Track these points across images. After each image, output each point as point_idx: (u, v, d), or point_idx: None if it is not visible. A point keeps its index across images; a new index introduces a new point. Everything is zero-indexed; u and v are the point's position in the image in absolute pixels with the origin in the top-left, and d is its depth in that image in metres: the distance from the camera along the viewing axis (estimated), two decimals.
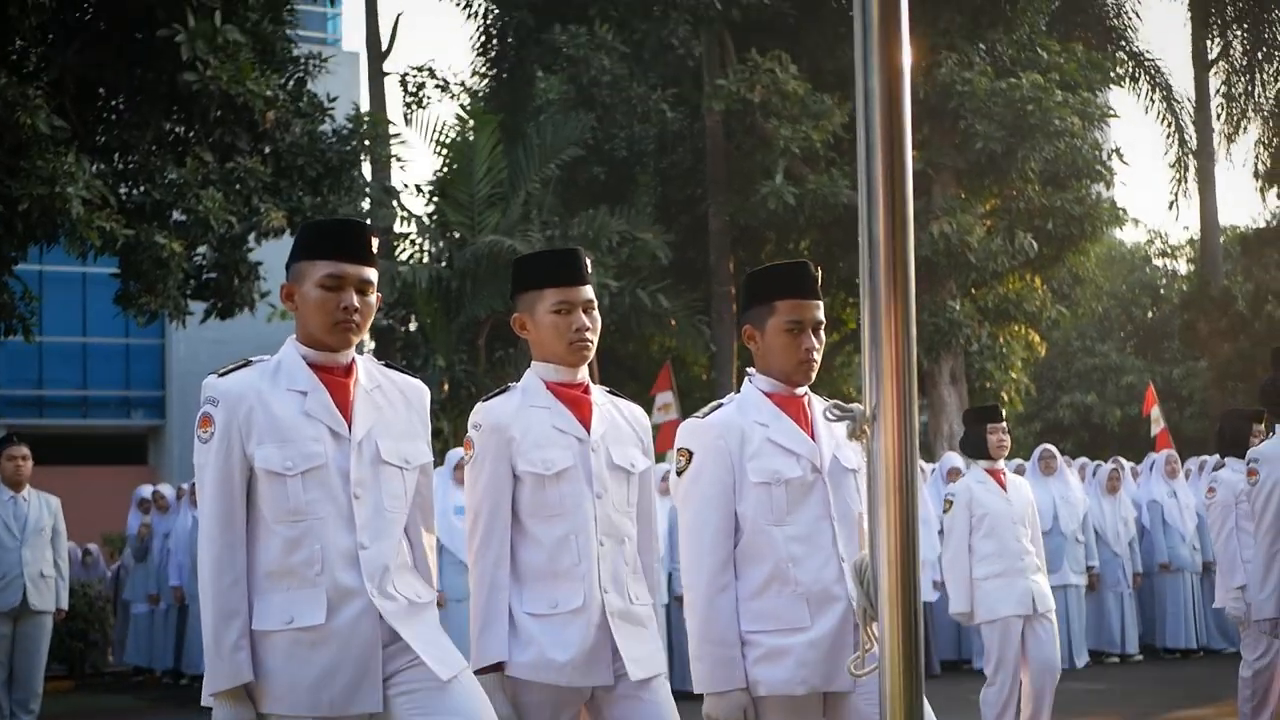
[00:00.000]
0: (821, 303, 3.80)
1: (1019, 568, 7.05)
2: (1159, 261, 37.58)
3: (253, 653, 3.22)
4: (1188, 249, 35.30)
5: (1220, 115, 26.02)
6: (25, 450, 8.97)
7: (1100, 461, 13.60)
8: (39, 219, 11.29)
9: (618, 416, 3.85)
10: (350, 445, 3.32)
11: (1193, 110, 25.84)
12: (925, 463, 12.70)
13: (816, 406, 3.80)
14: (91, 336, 28.57)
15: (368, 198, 18.03)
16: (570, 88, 19.96)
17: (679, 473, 3.78)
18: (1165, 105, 25.47)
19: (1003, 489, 7.17)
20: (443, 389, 17.23)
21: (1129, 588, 12.60)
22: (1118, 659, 12.50)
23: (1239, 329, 24.85)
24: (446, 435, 15.89)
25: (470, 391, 16.88)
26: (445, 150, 19.06)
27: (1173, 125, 25.76)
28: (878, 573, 2.32)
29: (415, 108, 21.12)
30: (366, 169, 17.69)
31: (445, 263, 18.30)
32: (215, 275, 13.53)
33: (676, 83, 20.86)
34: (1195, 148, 25.96)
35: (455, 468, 9.76)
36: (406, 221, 19.25)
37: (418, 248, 19.33)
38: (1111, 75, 22.99)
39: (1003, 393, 20.87)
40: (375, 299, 3.40)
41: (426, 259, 18.98)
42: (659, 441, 11.73)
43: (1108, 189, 21.93)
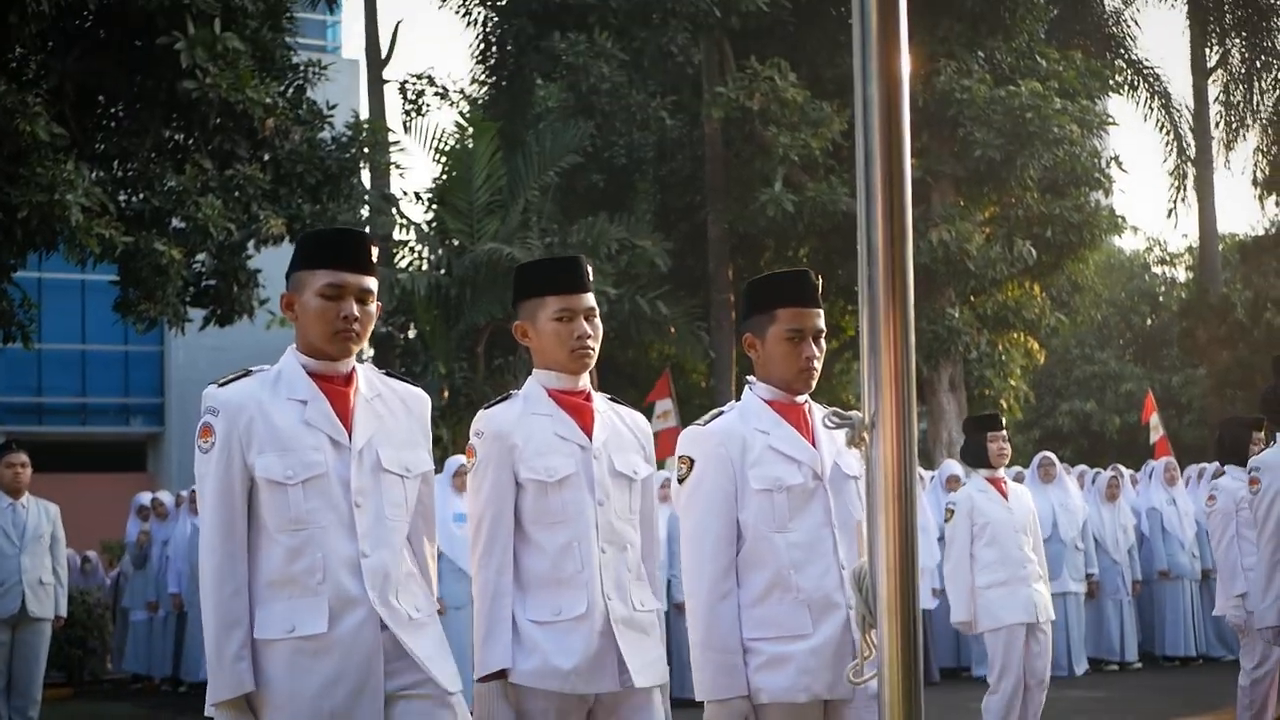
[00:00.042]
0: (822, 311, 3.81)
1: (1021, 576, 7.04)
2: (1158, 269, 37.57)
3: (254, 662, 3.22)
4: (1186, 256, 35.27)
5: (1219, 123, 26.05)
6: (24, 457, 8.95)
7: (1099, 469, 13.59)
8: (38, 226, 11.27)
9: (619, 423, 3.85)
10: (351, 454, 3.33)
11: (1191, 118, 25.88)
12: (924, 470, 12.69)
13: (817, 414, 3.81)
14: (90, 344, 28.56)
15: (367, 205, 18.01)
16: (569, 95, 19.99)
17: (680, 480, 3.79)
18: (1164, 113, 25.50)
19: (1004, 497, 7.17)
20: (442, 396, 17.22)
21: (1128, 595, 12.59)
22: (1117, 667, 12.49)
23: (1238, 336, 24.86)
24: (446, 443, 15.86)
25: (469, 399, 16.87)
26: (444, 158, 19.05)
27: (1171, 133, 25.79)
28: (876, 580, 2.32)
29: (414, 115, 21.10)
30: (366, 176, 17.67)
31: (444, 270, 18.29)
32: (214, 282, 13.52)
33: (676, 90, 20.88)
34: (1194, 155, 25.99)
35: (455, 475, 9.74)
36: (406, 229, 19.25)
37: (417, 255, 19.32)
38: (1110, 83, 22.96)
39: (1002, 400, 20.84)
40: (375, 308, 3.41)
41: (426, 266, 18.98)
42: (658, 449, 11.68)
43: (1107, 196, 21.92)
